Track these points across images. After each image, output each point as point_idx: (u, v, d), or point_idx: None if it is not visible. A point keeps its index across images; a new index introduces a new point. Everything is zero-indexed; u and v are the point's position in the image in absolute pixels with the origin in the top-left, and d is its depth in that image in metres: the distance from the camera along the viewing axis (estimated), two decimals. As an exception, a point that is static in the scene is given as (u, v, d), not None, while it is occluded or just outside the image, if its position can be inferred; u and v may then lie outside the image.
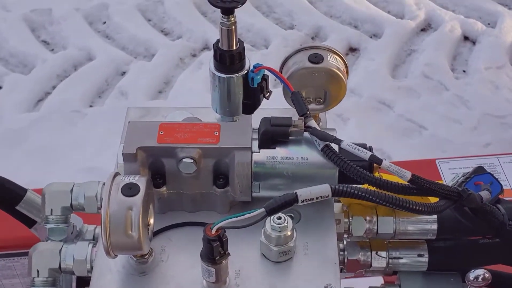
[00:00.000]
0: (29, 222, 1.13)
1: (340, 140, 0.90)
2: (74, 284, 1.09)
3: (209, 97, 1.03)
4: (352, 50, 3.23)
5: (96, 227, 1.11)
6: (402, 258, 1.05)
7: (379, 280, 1.16)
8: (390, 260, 1.05)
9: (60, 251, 0.98)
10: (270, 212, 0.83)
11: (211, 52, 0.99)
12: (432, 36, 3.26)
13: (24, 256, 1.47)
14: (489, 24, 3.35)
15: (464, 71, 3.14)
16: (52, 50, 3.24)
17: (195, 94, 2.93)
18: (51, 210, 1.02)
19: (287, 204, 0.82)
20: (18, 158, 2.70)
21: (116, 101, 2.98)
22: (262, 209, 0.83)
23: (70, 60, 3.16)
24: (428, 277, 1.07)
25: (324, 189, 0.83)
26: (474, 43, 3.26)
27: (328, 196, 0.83)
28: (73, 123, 2.87)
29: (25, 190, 1.11)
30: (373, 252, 1.05)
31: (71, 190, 1.02)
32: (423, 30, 3.35)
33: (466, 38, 3.29)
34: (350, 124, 2.80)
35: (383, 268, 1.06)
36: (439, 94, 2.98)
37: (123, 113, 3.14)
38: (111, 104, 2.97)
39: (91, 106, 2.99)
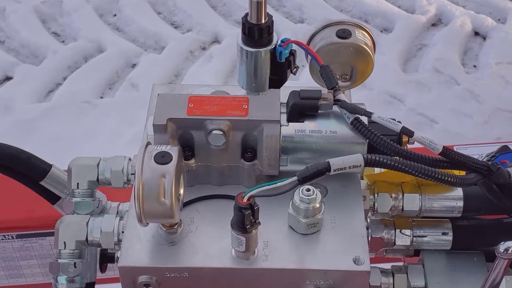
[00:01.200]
0: (53, 198, 1.13)
1: (371, 113, 0.90)
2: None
3: (221, 88, 1.03)
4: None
5: (119, 204, 1.11)
6: (426, 236, 1.05)
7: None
8: (414, 238, 1.04)
9: (87, 223, 0.98)
10: (303, 180, 0.83)
11: (221, 45, 0.99)
12: (443, 31, 3.26)
13: (42, 236, 1.47)
14: (499, 20, 3.36)
15: (474, 66, 3.14)
16: (63, 41, 3.25)
17: (205, 87, 2.93)
18: (78, 184, 1.02)
19: (319, 172, 0.82)
20: (29, 148, 2.66)
21: (126, 93, 2.99)
22: (295, 178, 0.83)
23: (80, 51, 3.16)
24: (451, 256, 1.06)
25: (356, 158, 0.83)
26: (484, 38, 3.26)
27: (360, 165, 0.83)
28: (84, 114, 2.88)
29: (50, 165, 1.11)
30: (397, 230, 1.05)
31: (98, 165, 1.02)
32: (433, 25, 3.35)
33: (476, 33, 3.29)
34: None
35: (406, 247, 1.06)
36: (450, 89, 2.98)
37: (134, 105, 3.14)
38: (121, 96, 2.97)
39: (101, 97, 2.99)
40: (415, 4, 3.40)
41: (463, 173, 0.95)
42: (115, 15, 3.39)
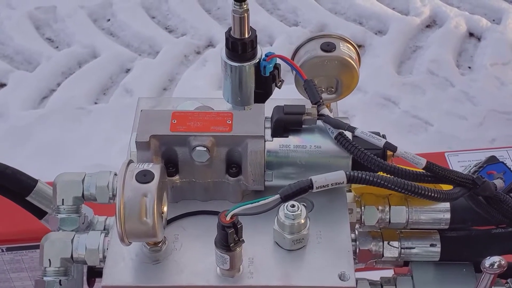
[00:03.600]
0: (40, 213, 1.13)
1: (354, 128, 0.90)
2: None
3: (214, 95, 1.02)
4: (357, 46, 3.22)
5: (106, 218, 1.10)
6: (414, 248, 1.04)
7: (389, 273, 1.16)
8: (402, 250, 1.04)
9: (72, 240, 0.97)
10: (285, 198, 0.82)
11: (216, 49, 0.99)
12: (437, 33, 3.26)
13: (32, 249, 1.47)
14: (494, 20, 3.35)
15: (469, 68, 3.14)
16: (57, 47, 3.24)
17: (199, 91, 2.92)
18: (63, 200, 1.01)
19: (302, 190, 0.82)
20: (23, 155, 2.70)
21: (120, 98, 2.98)
22: (277, 196, 0.83)
23: (74, 57, 3.16)
24: (440, 268, 1.06)
25: (339, 175, 0.82)
26: (479, 39, 3.26)
27: (343, 182, 0.83)
28: (78, 120, 2.88)
29: (36, 181, 1.11)
30: (385, 242, 1.04)
31: (83, 180, 1.02)
32: (428, 26, 3.34)
33: (471, 34, 3.29)
34: (356, 121, 2.79)
35: (395, 259, 1.05)
36: (445, 90, 2.98)
37: (128, 110, 3.14)
38: (116, 101, 2.97)
39: (96, 103, 2.99)
40: (409, 5, 3.40)
41: (450, 186, 0.95)
42: (109, 20, 3.38)
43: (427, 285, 1.04)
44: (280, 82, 1.00)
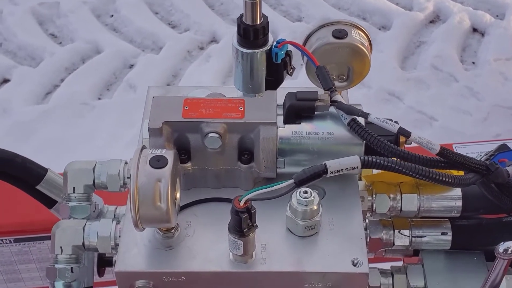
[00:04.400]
0: (50, 203, 1.13)
1: (367, 114, 0.89)
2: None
3: (217, 90, 1.02)
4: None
5: (116, 208, 1.10)
6: (425, 236, 1.04)
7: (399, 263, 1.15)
8: (413, 239, 1.04)
9: (83, 228, 0.97)
10: (299, 183, 0.82)
11: (219, 45, 0.99)
12: (441, 28, 3.26)
13: (40, 240, 1.47)
14: (497, 16, 3.35)
15: (473, 63, 3.13)
16: (60, 43, 3.24)
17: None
18: (74, 188, 1.02)
19: (316, 175, 0.82)
20: (27, 150, 2.67)
21: (124, 94, 2.98)
22: (291, 181, 0.82)
23: (78, 53, 3.16)
24: (451, 256, 1.06)
25: (353, 160, 0.82)
26: (483, 35, 3.26)
27: (357, 167, 0.83)
28: (81, 116, 2.87)
29: (46, 170, 1.11)
30: (396, 231, 1.04)
31: (94, 168, 1.02)
32: (431, 22, 3.34)
33: (475, 30, 3.29)
34: (360, 116, 2.79)
35: (405, 247, 1.05)
36: (449, 86, 2.97)
37: (132, 106, 3.14)
38: (119, 97, 2.97)
39: (99, 98, 2.99)
40: (413, 1, 3.39)
41: (461, 172, 0.94)
42: (112, 15, 3.38)
43: (438, 273, 1.04)
44: (291, 70, 1.00)
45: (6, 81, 3.05)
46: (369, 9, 3.36)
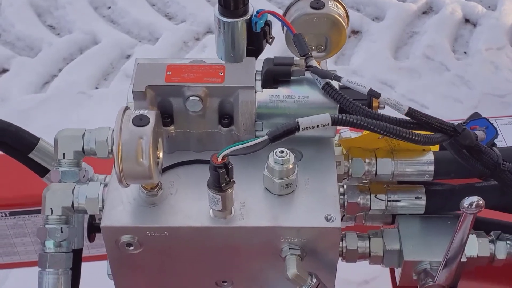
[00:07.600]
0: (42, 171, 1.16)
1: (340, 77, 0.93)
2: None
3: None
4: (355, 32, 3.27)
5: (106, 177, 1.14)
6: (400, 200, 1.07)
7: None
8: (389, 203, 1.07)
9: (73, 190, 1.01)
10: (273, 139, 0.86)
11: (214, 36, 1.03)
12: (434, 19, 3.30)
13: (35, 213, 1.50)
14: (489, 7, 3.39)
15: (465, 52, 3.18)
16: (58, 34, 3.29)
17: (199, 77, 2.96)
18: (64, 154, 1.06)
19: (289, 131, 0.86)
20: (25, 138, 2.73)
21: (121, 84, 3.03)
22: (265, 137, 0.86)
23: (76, 43, 3.20)
24: (425, 220, 1.09)
25: (324, 117, 0.86)
26: (474, 25, 3.30)
27: (328, 124, 0.87)
28: (79, 104, 2.92)
29: (38, 138, 1.15)
30: (373, 195, 1.08)
31: (83, 135, 1.06)
32: (424, 13, 3.38)
33: (467, 20, 3.33)
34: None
35: (381, 211, 1.08)
36: (441, 75, 3.02)
37: (128, 95, 3.13)
38: (116, 86, 3.01)
39: (96, 88, 3.03)
40: (406, -8, 3.44)
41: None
42: (110, 7, 3.42)
43: (413, 237, 1.07)
44: (271, 39, 1.04)
45: (4, 71, 3.09)
46: (363, 0, 3.40)
